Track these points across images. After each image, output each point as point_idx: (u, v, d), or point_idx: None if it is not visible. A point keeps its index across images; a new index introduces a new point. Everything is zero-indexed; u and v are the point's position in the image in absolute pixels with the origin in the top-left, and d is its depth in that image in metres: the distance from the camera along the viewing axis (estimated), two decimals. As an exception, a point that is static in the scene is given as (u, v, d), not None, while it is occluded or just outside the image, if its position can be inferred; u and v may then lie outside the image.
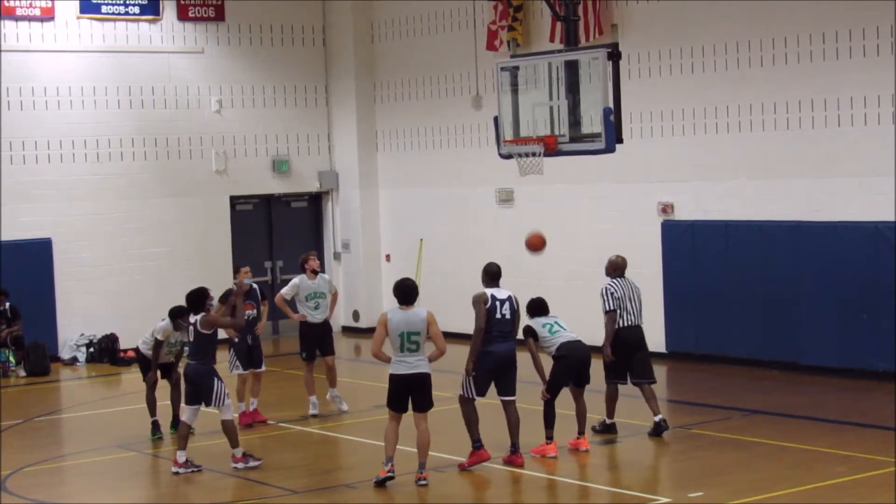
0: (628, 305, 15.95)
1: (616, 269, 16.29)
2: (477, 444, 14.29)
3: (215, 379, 14.69)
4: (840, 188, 19.28)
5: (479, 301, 14.53)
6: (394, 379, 13.73)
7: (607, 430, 15.96)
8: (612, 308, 15.82)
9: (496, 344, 14.37)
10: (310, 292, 17.87)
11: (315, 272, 17.96)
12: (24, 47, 23.95)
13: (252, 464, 14.75)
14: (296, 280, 18.00)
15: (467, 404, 14.42)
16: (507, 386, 14.51)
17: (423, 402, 13.80)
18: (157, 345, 16.35)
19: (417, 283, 25.84)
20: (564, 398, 15.18)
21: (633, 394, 18.87)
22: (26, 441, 16.89)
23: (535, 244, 15.98)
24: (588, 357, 15.13)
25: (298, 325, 18.06)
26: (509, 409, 14.56)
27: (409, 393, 13.73)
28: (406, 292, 13.81)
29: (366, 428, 16.64)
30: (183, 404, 15.06)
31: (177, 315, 16.23)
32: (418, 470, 13.77)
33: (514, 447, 14.50)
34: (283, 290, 18.09)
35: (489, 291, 14.63)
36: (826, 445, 14.90)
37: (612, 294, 15.89)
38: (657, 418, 15.83)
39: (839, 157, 19.24)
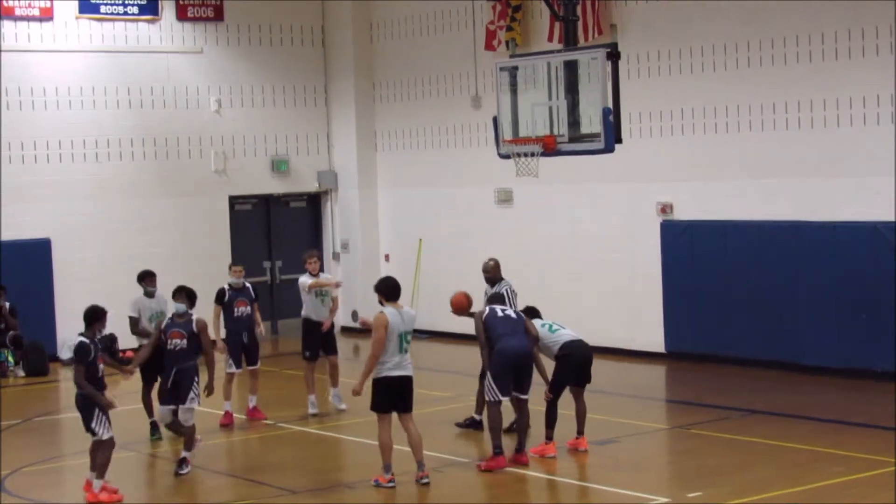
0: None
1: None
2: (498, 449, 14.24)
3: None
4: (840, 188, 19.27)
5: (476, 317, 14.78)
6: (386, 381, 13.65)
7: (475, 426, 16.18)
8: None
9: (506, 340, 14.37)
10: (317, 288, 18.00)
11: (314, 273, 18.01)
12: (24, 47, 23.94)
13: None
14: (302, 279, 18.05)
15: (493, 408, 14.36)
16: (522, 383, 14.50)
17: (408, 405, 13.82)
18: (134, 322, 16.75)
19: (416, 284, 26.04)
20: (564, 397, 15.18)
21: (632, 393, 18.91)
22: (25, 441, 16.88)
23: (458, 304, 16.01)
24: (590, 356, 15.13)
25: (302, 324, 18.10)
26: (521, 407, 14.57)
27: (397, 395, 13.73)
28: (395, 289, 13.82)
29: (365, 428, 16.62)
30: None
31: (141, 279, 17.04)
32: (418, 469, 13.78)
33: (520, 446, 14.50)
34: (304, 290, 18.06)
35: (487, 307, 14.89)
36: (826, 445, 14.90)
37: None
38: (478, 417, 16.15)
39: (839, 157, 19.23)
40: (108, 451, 13.54)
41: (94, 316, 13.88)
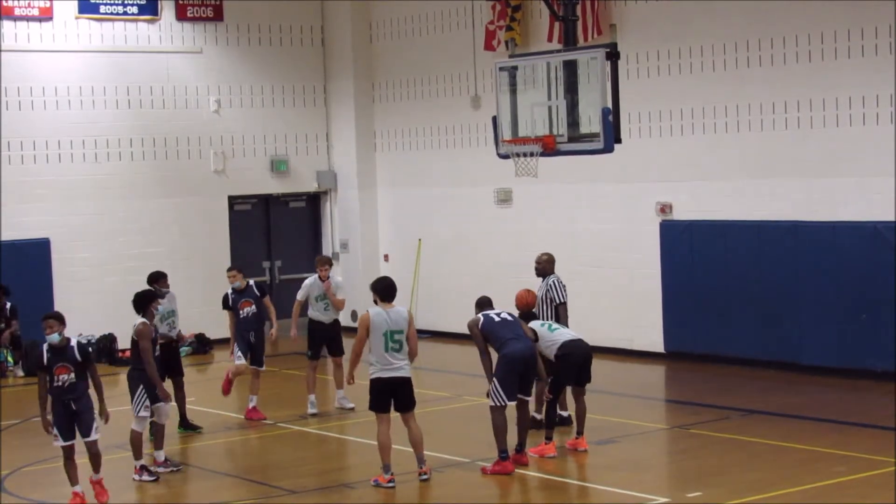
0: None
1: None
2: (503, 454, 14.19)
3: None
4: (839, 188, 19.27)
5: (471, 327, 14.68)
6: (378, 383, 13.70)
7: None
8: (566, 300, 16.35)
9: (512, 344, 14.33)
10: (319, 293, 18.02)
11: (323, 278, 18.09)
12: (23, 47, 23.94)
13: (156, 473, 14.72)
14: (307, 281, 18.17)
15: (498, 413, 14.27)
16: (527, 385, 14.48)
17: (408, 403, 13.84)
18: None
19: (416, 284, 26.01)
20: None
21: (632, 393, 18.90)
22: (25, 441, 16.87)
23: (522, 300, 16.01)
24: (590, 355, 15.11)
25: (308, 324, 18.18)
26: (523, 409, 14.53)
27: (393, 395, 13.74)
28: (388, 290, 13.84)
29: (365, 428, 16.61)
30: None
31: (154, 280, 16.80)
32: (418, 465, 13.84)
33: (521, 446, 14.49)
34: (298, 293, 18.25)
35: (480, 314, 14.79)
36: (826, 445, 14.90)
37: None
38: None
39: (838, 157, 19.23)
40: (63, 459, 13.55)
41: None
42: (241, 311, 17.80)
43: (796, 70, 19.63)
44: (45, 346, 13.34)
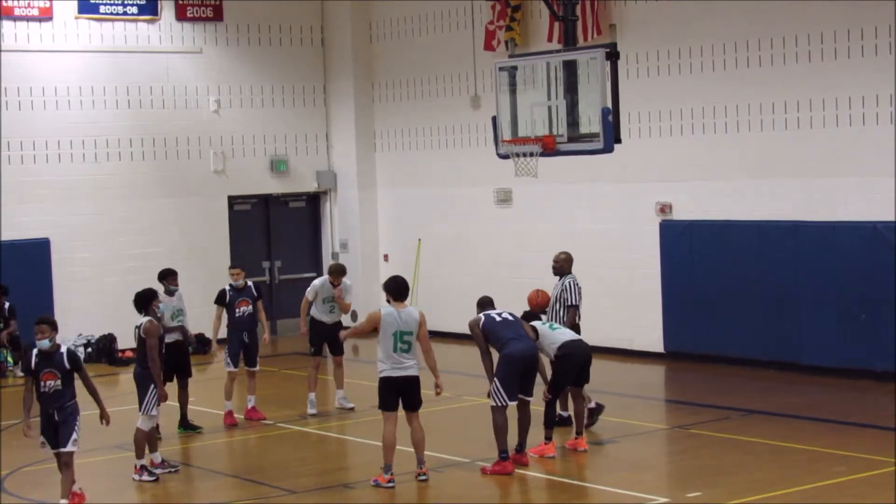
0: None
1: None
2: (503, 454, 14.19)
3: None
4: (839, 188, 19.26)
5: (472, 326, 14.67)
6: (386, 381, 13.74)
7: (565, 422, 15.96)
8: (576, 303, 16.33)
9: (514, 344, 14.34)
10: (328, 295, 18.05)
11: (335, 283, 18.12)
12: (23, 47, 23.94)
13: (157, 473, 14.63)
14: (317, 282, 18.19)
15: (499, 413, 14.26)
16: (526, 385, 14.47)
17: (414, 403, 13.86)
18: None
19: (416, 284, 26.00)
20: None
21: (632, 393, 18.90)
22: (25, 441, 16.80)
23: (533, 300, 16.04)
24: (589, 356, 15.11)
25: (309, 323, 18.19)
26: (524, 409, 14.52)
27: (400, 394, 13.77)
28: (401, 288, 13.86)
29: (365, 428, 16.65)
30: None
31: (164, 277, 16.99)
32: (417, 465, 13.86)
33: (521, 447, 14.49)
34: (307, 292, 18.24)
35: (481, 313, 14.78)
36: (825, 445, 14.89)
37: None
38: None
39: (838, 157, 19.23)
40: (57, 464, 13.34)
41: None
42: (237, 310, 17.79)
43: (796, 70, 19.63)
44: (34, 351, 13.29)
